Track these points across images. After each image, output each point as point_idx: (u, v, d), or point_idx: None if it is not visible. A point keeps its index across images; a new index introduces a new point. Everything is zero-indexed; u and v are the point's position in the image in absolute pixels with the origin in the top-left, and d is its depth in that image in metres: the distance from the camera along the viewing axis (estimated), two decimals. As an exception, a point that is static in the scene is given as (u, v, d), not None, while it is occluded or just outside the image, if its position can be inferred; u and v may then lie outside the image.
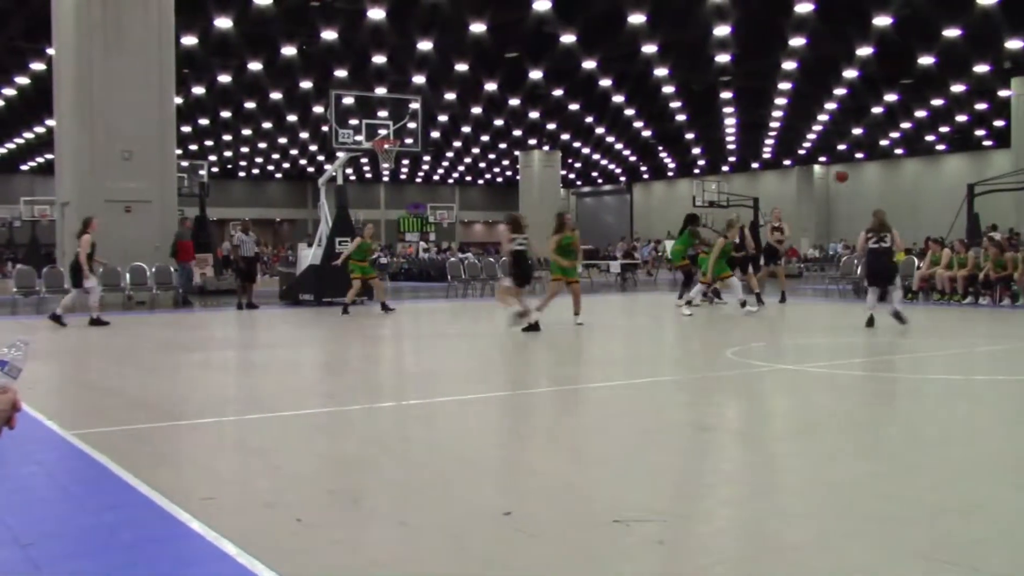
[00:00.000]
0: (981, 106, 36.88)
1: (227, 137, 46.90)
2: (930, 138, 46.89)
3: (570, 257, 14.05)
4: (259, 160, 58.72)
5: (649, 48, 26.40)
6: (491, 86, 32.29)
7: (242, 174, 64.87)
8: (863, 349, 12.42)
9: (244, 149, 52.57)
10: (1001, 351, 12.07)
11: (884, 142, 48.20)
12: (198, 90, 32.48)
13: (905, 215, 49.89)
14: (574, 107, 37.19)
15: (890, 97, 34.76)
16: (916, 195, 51.16)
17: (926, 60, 27.85)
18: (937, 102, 36.30)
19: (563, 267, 13.95)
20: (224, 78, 30.62)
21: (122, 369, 10.51)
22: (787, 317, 15.92)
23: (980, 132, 44.22)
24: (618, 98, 34.75)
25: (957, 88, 32.91)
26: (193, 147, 47.16)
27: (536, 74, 30.01)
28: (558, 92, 33.72)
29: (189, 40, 24.62)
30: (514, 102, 35.67)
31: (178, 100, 24.82)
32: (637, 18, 22.99)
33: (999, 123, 38.80)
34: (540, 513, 4.57)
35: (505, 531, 4.24)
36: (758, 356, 11.21)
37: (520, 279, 13.71)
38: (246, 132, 45.00)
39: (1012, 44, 25.92)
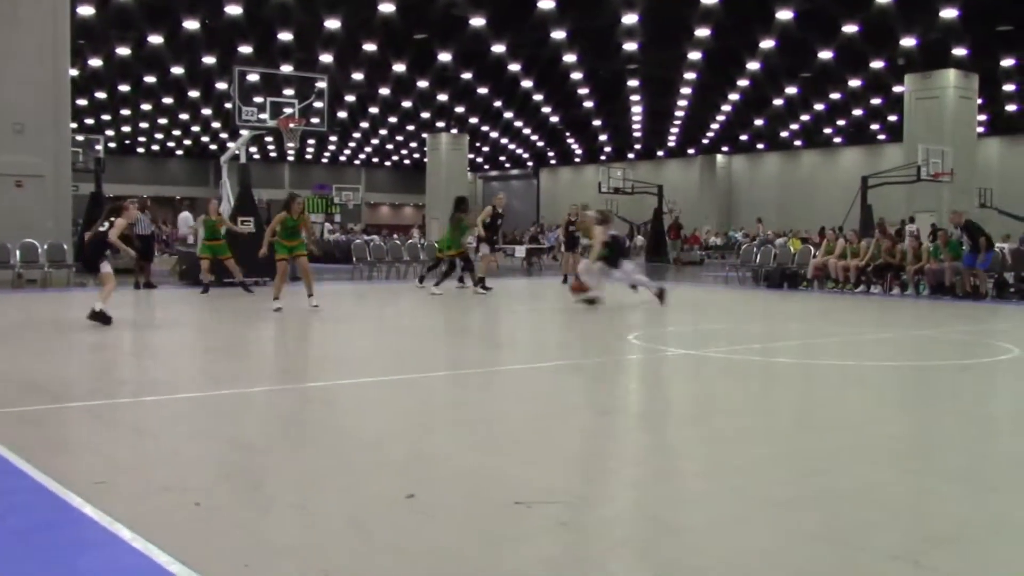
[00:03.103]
0: (876, 101, 38.06)
1: (125, 112, 45.46)
2: (827, 131, 48.23)
3: (294, 238, 14.36)
4: (159, 136, 57.10)
5: (558, 34, 26.50)
6: (399, 67, 32.02)
7: (141, 150, 63.04)
8: (761, 335, 12.76)
9: (143, 124, 51.04)
10: (891, 338, 12.53)
11: (784, 133, 49.38)
12: (95, 62, 31.41)
13: (802, 205, 51.55)
14: (483, 91, 37.12)
15: (790, 90, 35.63)
16: (813, 186, 52.69)
17: (825, 55, 28.61)
18: (835, 96, 37.34)
19: (287, 246, 14.32)
20: (123, 51, 29.68)
21: (11, 350, 10.14)
22: (689, 304, 16.23)
23: (875, 126, 45.68)
24: (527, 83, 34.80)
25: (854, 83, 33.89)
26: (89, 121, 45.63)
27: (445, 56, 29.86)
28: (467, 75, 33.62)
29: (86, 10, 23.76)
30: (422, 84, 35.44)
31: (73, 72, 23.99)
32: (546, 3, 23.05)
33: (892, 118, 40.07)
34: (442, 496, 4.58)
35: (407, 515, 4.24)
36: (660, 341, 11.41)
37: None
38: (146, 107, 43.71)
39: (906, 42, 26.78)
